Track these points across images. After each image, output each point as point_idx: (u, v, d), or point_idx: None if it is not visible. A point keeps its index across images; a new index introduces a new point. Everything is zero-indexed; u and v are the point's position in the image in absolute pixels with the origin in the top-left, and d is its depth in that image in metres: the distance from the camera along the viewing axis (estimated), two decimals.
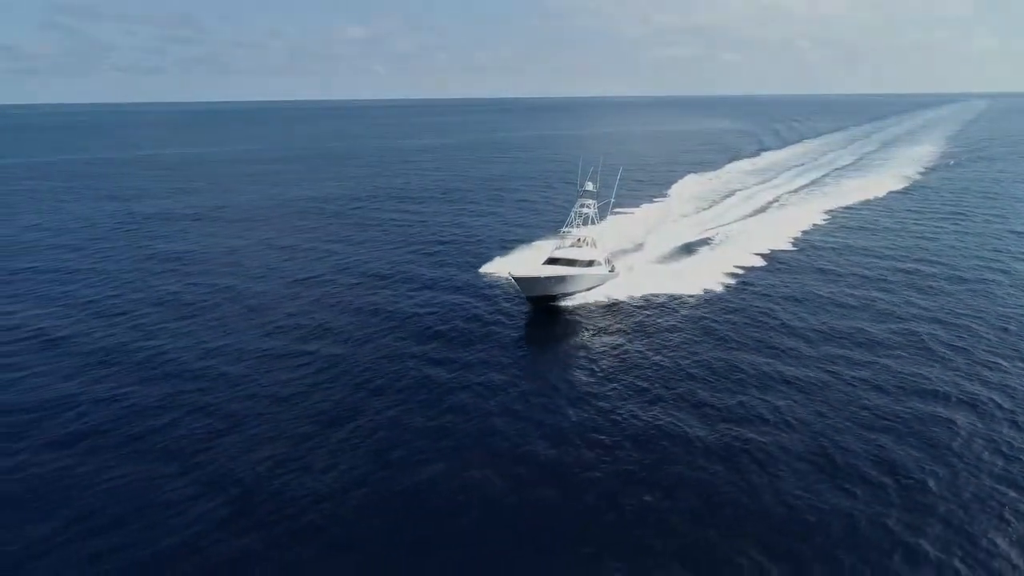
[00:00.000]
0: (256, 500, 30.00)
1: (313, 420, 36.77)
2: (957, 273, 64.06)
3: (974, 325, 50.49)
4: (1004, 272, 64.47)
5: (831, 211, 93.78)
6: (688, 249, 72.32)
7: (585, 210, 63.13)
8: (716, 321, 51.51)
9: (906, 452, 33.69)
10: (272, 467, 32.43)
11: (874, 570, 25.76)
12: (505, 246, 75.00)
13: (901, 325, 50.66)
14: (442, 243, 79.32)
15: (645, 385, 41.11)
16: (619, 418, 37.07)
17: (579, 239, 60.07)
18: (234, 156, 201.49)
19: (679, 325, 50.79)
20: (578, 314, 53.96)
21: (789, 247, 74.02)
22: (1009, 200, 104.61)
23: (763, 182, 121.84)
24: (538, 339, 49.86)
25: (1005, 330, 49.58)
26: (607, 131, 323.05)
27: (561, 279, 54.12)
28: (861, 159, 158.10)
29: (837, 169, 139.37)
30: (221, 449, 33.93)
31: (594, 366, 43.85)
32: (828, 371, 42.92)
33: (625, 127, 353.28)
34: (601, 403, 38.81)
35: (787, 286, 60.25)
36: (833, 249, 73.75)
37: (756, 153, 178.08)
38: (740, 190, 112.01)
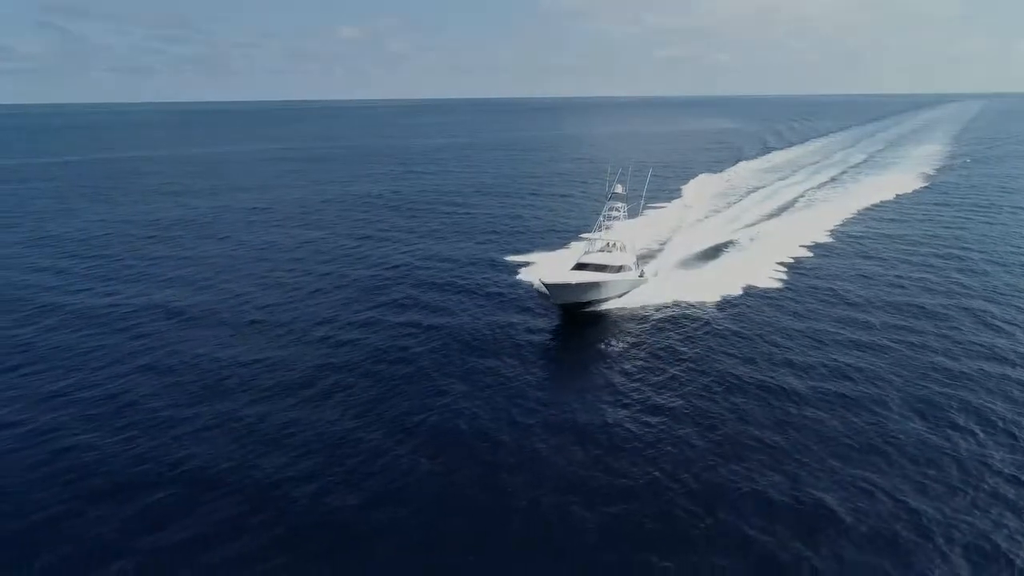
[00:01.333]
0: (442, 444, 34.55)
1: (462, 381, 41.45)
2: (994, 258, 69.32)
3: (1022, 304, 55.60)
4: None
5: (859, 206, 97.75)
6: (723, 249, 72.45)
7: (614, 213, 62.16)
8: (782, 301, 56.22)
9: (988, 406, 38.46)
10: (445, 419, 36.99)
11: (991, 501, 30.11)
12: (562, 237, 79.61)
13: (954, 301, 55.86)
14: (515, 231, 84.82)
15: (736, 352, 45.81)
16: (730, 382, 41.62)
17: (608, 243, 58.99)
18: (259, 155, 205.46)
19: (756, 304, 55.43)
20: (646, 307, 55.51)
21: (829, 239, 78.32)
22: None
23: (779, 180, 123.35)
24: (632, 316, 54.11)
25: None
26: (611, 131, 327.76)
27: (592, 286, 52.59)
28: (872, 157, 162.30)
29: (852, 167, 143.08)
30: (393, 404, 38.59)
31: (691, 341, 48.41)
32: (898, 339, 47.98)
33: (628, 127, 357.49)
34: (707, 367, 43.63)
35: (841, 270, 65.23)
36: (871, 239, 78.90)
37: (764, 153, 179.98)
38: (759, 188, 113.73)
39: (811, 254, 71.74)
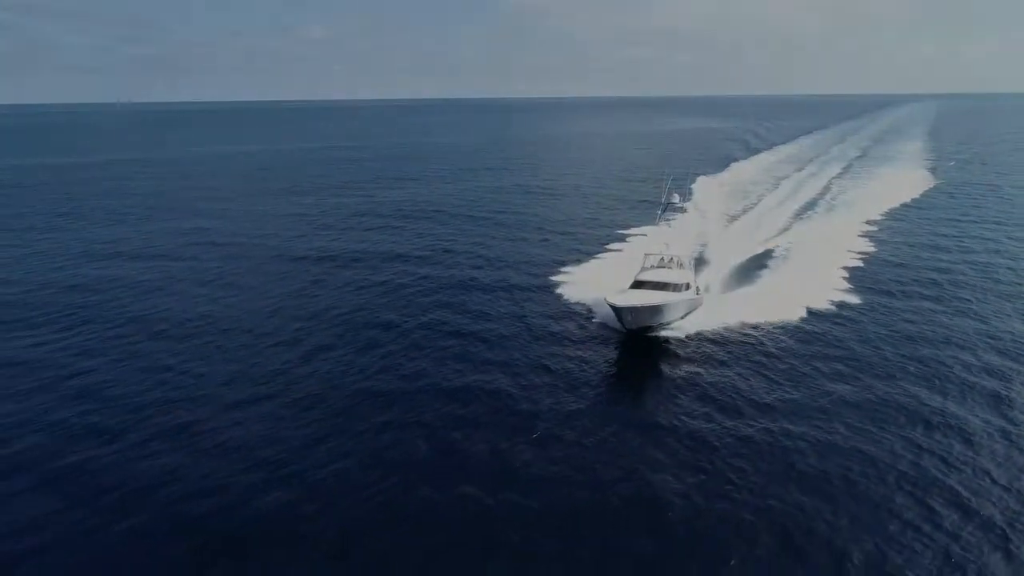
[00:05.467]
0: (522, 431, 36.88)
1: (566, 387, 42.65)
2: None
3: None
4: None
5: (888, 204, 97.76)
6: (766, 259, 67.38)
7: (672, 225, 59.04)
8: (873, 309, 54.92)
9: None
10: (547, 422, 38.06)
11: None
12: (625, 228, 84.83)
13: None
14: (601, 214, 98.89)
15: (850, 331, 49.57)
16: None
17: (664, 258, 54.91)
18: (305, 155, 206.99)
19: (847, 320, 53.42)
20: (714, 330, 50.54)
21: (868, 244, 74.62)
22: None
23: (785, 180, 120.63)
24: (703, 342, 49.94)
25: None
26: (597, 131, 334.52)
27: (662, 308, 47.45)
28: (866, 153, 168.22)
29: (854, 162, 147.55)
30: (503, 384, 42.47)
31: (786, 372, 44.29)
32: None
33: (605, 128, 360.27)
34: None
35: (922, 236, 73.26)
36: (946, 220, 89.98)
37: (753, 153, 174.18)
38: (770, 191, 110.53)
39: (882, 229, 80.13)
